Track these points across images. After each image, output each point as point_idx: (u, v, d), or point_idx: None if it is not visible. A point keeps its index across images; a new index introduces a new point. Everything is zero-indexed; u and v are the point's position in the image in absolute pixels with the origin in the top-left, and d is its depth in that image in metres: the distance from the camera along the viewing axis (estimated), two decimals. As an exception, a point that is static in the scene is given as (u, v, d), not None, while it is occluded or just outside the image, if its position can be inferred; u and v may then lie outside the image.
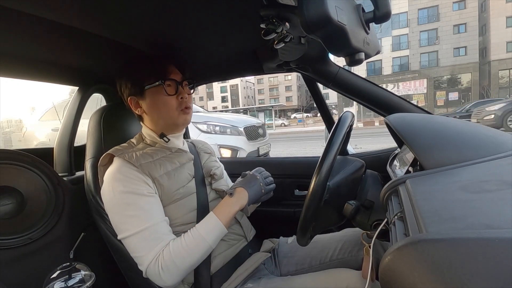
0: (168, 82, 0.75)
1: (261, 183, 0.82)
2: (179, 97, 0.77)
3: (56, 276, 0.73)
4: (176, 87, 0.76)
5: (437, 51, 27.04)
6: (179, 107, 0.77)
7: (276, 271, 0.87)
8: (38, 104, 36.54)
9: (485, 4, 26.06)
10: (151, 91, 0.75)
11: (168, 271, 0.63)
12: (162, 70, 0.76)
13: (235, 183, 0.84)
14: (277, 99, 48.80)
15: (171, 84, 0.76)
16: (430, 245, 0.27)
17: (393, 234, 0.41)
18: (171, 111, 0.77)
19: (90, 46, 0.82)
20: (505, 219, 0.29)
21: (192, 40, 0.86)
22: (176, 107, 0.77)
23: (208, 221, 0.71)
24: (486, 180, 0.40)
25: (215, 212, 0.73)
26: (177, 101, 0.77)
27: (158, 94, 0.75)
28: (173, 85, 0.76)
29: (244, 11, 0.69)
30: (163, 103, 0.76)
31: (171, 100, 0.76)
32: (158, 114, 0.78)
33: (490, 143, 0.53)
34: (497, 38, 24.96)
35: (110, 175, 0.70)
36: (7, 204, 0.76)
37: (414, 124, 0.62)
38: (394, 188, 0.50)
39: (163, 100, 0.76)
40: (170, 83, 0.76)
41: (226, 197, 0.76)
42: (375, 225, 0.66)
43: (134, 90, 0.77)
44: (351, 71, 1.05)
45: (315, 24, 0.41)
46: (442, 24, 26.47)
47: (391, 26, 27.88)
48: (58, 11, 0.61)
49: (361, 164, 0.77)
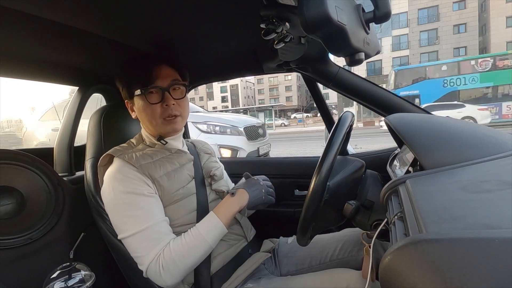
0: (152, 89, 0.72)
1: (263, 189, 0.82)
2: (164, 104, 0.73)
3: (56, 276, 0.73)
4: (161, 94, 0.73)
5: (437, 51, 27.01)
6: (162, 115, 0.74)
7: (276, 271, 0.87)
8: (38, 104, 36.51)
9: (485, 4, 26.06)
10: (138, 98, 0.74)
11: (169, 270, 0.63)
12: (146, 77, 0.72)
13: (237, 184, 0.84)
14: (277, 99, 48.80)
15: (154, 91, 0.73)
16: (430, 245, 0.27)
17: (393, 234, 0.41)
18: (155, 120, 0.74)
19: (90, 46, 0.82)
20: (505, 219, 0.29)
21: (192, 40, 0.86)
22: (160, 115, 0.74)
23: (208, 221, 0.71)
24: (486, 180, 0.40)
25: (216, 212, 0.73)
26: (162, 108, 0.74)
27: (143, 101, 0.74)
28: (157, 92, 0.73)
29: (244, 11, 0.69)
30: (148, 111, 0.74)
31: (156, 108, 0.73)
32: (146, 121, 0.76)
33: (490, 143, 0.53)
34: (497, 38, 24.94)
35: (110, 175, 0.70)
36: (7, 204, 0.76)
37: (414, 124, 0.62)
38: (394, 188, 0.50)
39: (147, 108, 0.73)
40: (154, 90, 0.73)
41: (228, 196, 0.77)
42: (375, 225, 0.66)
43: (126, 94, 0.77)
44: (351, 71, 1.05)
45: (315, 24, 0.41)
46: (442, 24, 26.46)
47: (391, 26, 27.87)
48: (58, 11, 0.61)
49: (361, 164, 0.77)
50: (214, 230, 0.70)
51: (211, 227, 0.70)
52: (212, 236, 0.69)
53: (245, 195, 0.77)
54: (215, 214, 0.72)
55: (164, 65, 0.75)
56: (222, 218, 0.71)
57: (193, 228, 0.70)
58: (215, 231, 0.70)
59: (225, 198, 0.77)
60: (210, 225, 0.70)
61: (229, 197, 0.76)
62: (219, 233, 0.71)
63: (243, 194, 0.77)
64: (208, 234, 0.68)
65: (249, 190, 0.79)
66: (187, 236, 0.68)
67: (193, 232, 0.69)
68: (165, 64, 0.76)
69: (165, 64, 0.76)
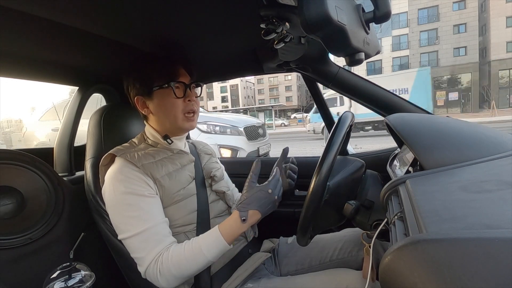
0: (177, 84, 0.75)
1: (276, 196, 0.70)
2: (187, 99, 0.77)
3: (56, 276, 0.73)
4: (184, 90, 0.76)
5: (437, 51, 27.03)
6: (184, 110, 0.77)
7: (276, 271, 0.87)
8: (38, 104, 36.37)
9: (485, 4, 26.06)
10: (159, 93, 0.75)
11: (165, 277, 0.64)
12: (172, 72, 0.75)
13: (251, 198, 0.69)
14: (277, 99, 48.75)
15: (179, 87, 0.76)
16: (430, 245, 0.27)
17: (393, 234, 0.41)
18: (177, 113, 0.76)
19: (90, 46, 0.82)
20: (505, 219, 0.29)
21: (192, 40, 0.86)
22: (182, 110, 0.76)
23: (211, 236, 0.68)
24: (486, 180, 0.40)
25: (221, 229, 0.68)
26: (184, 103, 0.77)
27: (166, 95, 0.75)
28: (181, 88, 0.76)
29: (244, 11, 0.69)
30: (170, 105, 0.75)
31: (179, 103, 0.76)
32: (164, 115, 0.77)
33: (490, 143, 0.53)
34: (497, 38, 24.95)
35: (112, 175, 0.70)
36: (7, 204, 0.76)
37: (414, 124, 0.62)
38: (394, 188, 0.50)
39: (171, 102, 0.75)
40: (179, 85, 0.76)
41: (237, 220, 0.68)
42: (375, 225, 0.66)
43: (142, 90, 0.76)
44: (351, 71, 1.05)
45: (315, 24, 0.41)
46: (442, 24, 26.47)
47: (391, 26, 27.88)
48: (58, 11, 0.61)
49: (361, 164, 0.77)
50: (216, 247, 0.67)
51: (214, 244, 0.67)
52: (213, 253, 0.66)
53: (257, 215, 0.69)
54: (220, 232, 0.67)
55: (181, 66, 0.79)
56: (227, 237, 0.67)
57: (195, 240, 0.68)
58: (217, 248, 0.67)
59: (235, 218, 0.68)
60: (212, 242, 0.67)
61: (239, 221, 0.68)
62: (220, 251, 0.67)
63: (255, 215, 0.69)
64: (209, 250, 0.66)
65: (261, 210, 0.69)
66: (187, 247, 0.66)
67: (194, 244, 0.66)
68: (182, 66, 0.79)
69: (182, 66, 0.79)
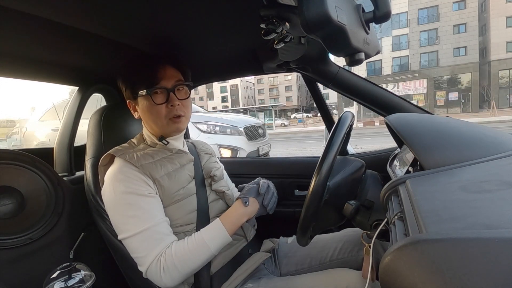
0: (157, 90, 0.72)
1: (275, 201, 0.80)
2: (169, 105, 0.73)
3: (56, 276, 0.73)
4: (166, 95, 0.73)
5: (437, 51, 27.03)
6: (168, 116, 0.74)
7: (276, 271, 0.87)
8: (38, 104, 36.37)
9: (485, 4, 26.07)
10: (142, 98, 0.74)
11: (169, 273, 0.64)
12: (151, 78, 0.72)
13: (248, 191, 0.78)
14: (277, 99, 48.76)
15: (159, 92, 0.73)
16: (430, 245, 0.27)
17: (393, 234, 0.41)
18: (160, 120, 0.74)
19: (90, 46, 0.82)
20: (505, 219, 0.29)
21: (192, 40, 0.86)
22: (165, 116, 0.74)
23: (213, 228, 0.70)
24: (486, 180, 0.40)
25: (223, 220, 0.71)
26: (167, 109, 0.74)
27: (147, 101, 0.73)
28: (162, 93, 0.73)
29: (244, 11, 0.69)
30: (154, 112, 0.73)
31: (161, 109, 0.73)
32: (150, 120, 0.76)
33: (490, 143, 0.53)
34: (497, 38, 24.96)
35: (111, 175, 0.70)
36: (7, 204, 0.76)
37: (414, 124, 0.62)
38: (394, 188, 0.50)
39: (152, 108, 0.73)
40: (159, 90, 0.73)
41: (240, 204, 0.73)
42: (375, 225, 0.66)
43: (128, 95, 0.77)
44: (351, 71, 1.05)
45: (315, 24, 0.41)
46: (442, 24, 26.46)
47: (391, 26, 27.87)
48: (58, 11, 0.61)
49: (361, 164, 0.77)
50: (219, 238, 0.69)
51: (216, 235, 0.69)
52: (215, 244, 0.68)
53: (256, 205, 0.74)
54: (221, 222, 0.71)
55: (168, 65, 0.75)
56: (228, 228, 0.70)
57: (197, 233, 0.69)
58: (219, 240, 0.69)
59: (236, 206, 0.73)
60: (214, 233, 0.69)
61: (241, 206, 0.72)
62: (223, 242, 0.70)
63: (254, 205, 0.74)
64: (212, 242, 0.67)
65: (260, 200, 0.76)
66: (190, 241, 0.67)
67: (196, 237, 0.68)
68: (169, 65, 0.76)
69: (169, 65, 0.76)
